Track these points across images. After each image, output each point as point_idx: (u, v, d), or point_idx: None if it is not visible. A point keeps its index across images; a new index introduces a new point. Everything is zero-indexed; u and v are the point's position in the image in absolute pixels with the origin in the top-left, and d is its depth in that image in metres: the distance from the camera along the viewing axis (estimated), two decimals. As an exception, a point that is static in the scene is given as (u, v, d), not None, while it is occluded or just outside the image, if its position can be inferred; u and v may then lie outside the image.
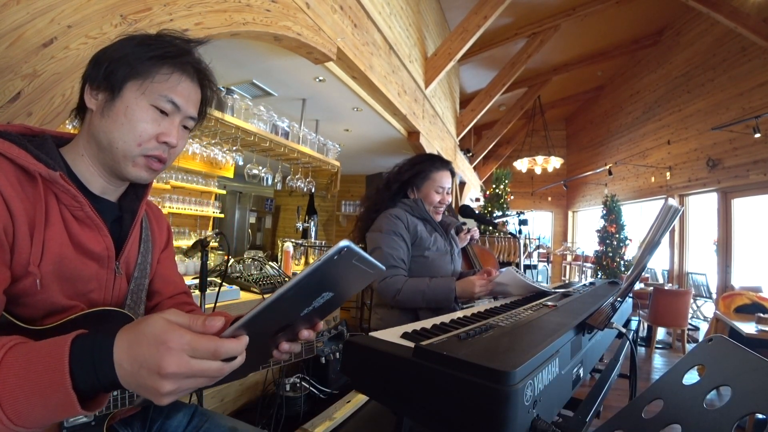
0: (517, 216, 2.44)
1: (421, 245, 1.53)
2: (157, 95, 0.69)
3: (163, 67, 0.70)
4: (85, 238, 0.69)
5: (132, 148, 0.69)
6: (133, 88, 0.69)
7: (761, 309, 2.98)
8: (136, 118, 0.68)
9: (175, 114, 0.72)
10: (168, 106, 0.71)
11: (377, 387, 0.59)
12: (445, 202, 1.60)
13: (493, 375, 0.45)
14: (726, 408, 0.47)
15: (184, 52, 0.73)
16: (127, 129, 0.68)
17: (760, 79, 5.09)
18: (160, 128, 0.71)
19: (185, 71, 0.72)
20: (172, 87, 0.70)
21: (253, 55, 2.33)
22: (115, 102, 0.68)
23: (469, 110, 6.64)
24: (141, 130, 0.69)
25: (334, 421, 1.47)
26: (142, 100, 0.69)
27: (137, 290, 0.80)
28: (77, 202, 0.66)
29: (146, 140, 0.70)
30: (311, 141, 3.25)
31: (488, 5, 4.32)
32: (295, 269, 2.96)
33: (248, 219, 6.47)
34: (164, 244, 0.91)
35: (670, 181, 6.75)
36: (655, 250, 0.77)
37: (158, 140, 0.71)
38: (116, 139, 0.69)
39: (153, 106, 0.69)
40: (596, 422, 0.93)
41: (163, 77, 0.69)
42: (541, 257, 8.42)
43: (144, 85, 0.69)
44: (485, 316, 0.83)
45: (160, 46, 0.71)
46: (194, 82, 0.74)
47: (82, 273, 0.69)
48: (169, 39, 0.73)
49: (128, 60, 0.69)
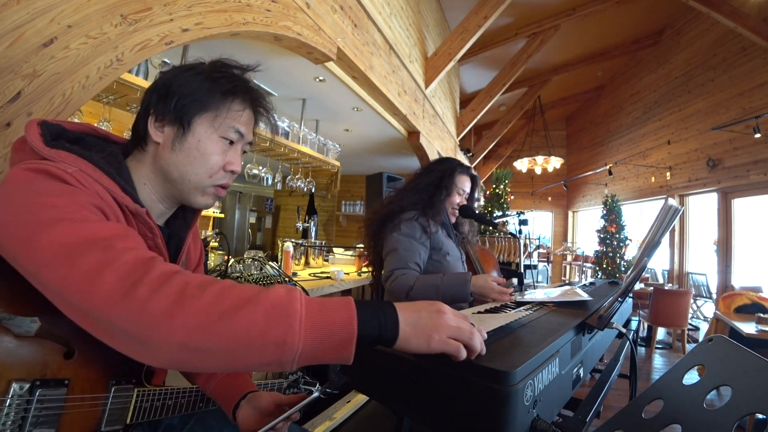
0: (517, 216, 2.43)
1: (442, 249, 1.53)
2: (227, 127, 0.71)
3: (234, 103, 0.72)
4: None
5: (204, 180, 0.72)
6: (204, 123, 0.70)
7: (761, 309, 2.98)
8: (209, 151, 0.71)
9: (239, 142, 0.75)
10: (235, 136, 0.73)
11: (377, 387, 0.59)
12: (462, 203, 1.64)
13: (493, 375, 0.45)
14: (726, 408, 0.47)
15: (250, 87, 0.75)
16: (201, 163, 0.71)
17: (760, 79, 5.08)
18: (227, 158, 0.73)
19: (251, 107, 0.75)
20: (240, 120, 0.73)
21: (253, 55, 2.34)
22: (187, 137, 0.70)
23: (469, 110, 6.63)
24: (213, 162, 0.71)
25: (334, 421, 1.48)
26: (214, 134, 0.71)
27: None
28: (152, 233, 0.69)
29: (216, 171, 0.72)
30: (311, 141, 3.25)
31: (488, 5, 4.31)
32: (295, 269, 2.96)
33: (248, 219, 6.47)
34: (197, 261, 0.92)
35: (671, 181, 6.75)
36: (656, 250, 0.77)
37: (225, 169, 0.73)
38: (189, 173, 0.71)
39: (222, 138, 0.72)
40: (596, 422, 0.93)
41: (236, 114, 0.72)
42: (541, 257, 8.42)
43: (218, 120, 0.71)
44: (485, 316, 0.83)
45: (228, 80, 0.72)
46: (253, 110, 0.76)
47: None
48: (232, 71, 0.74)
49: (199, 96, 0.70)
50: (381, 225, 1.56)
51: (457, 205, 1.63)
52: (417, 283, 1.35)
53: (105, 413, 0.65)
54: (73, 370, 0.62)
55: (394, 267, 1.41)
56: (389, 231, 1.50)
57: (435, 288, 1.34)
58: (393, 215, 1.54)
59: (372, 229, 1.60)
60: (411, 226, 1.47)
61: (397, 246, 1.44)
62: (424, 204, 1.55)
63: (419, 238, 1.46)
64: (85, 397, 0.63)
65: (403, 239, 1.44)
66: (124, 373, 0.69)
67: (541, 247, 8.86)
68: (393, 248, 1.44)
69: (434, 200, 1.56)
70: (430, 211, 1.54)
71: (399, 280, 1.38)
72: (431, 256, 1.51)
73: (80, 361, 0.62)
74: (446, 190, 1.58)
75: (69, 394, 0.61)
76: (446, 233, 1.60)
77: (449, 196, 1.59)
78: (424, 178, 1.62)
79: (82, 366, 0.63)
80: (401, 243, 1.44)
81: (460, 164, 1.65)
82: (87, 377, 0.63)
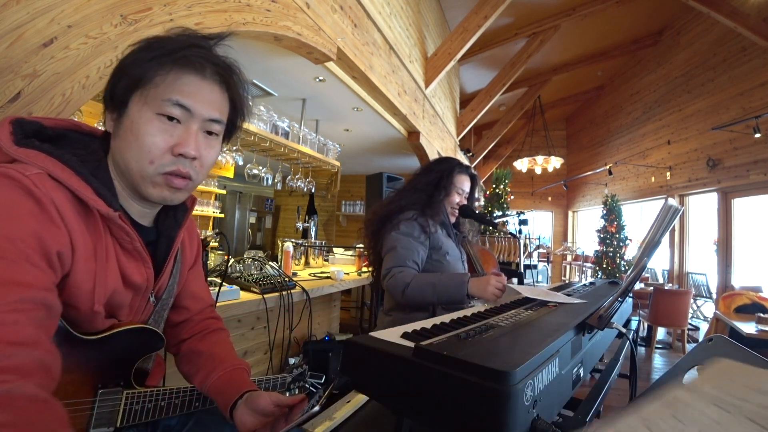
0: (517, 216, 2.44)
1: (441, 249, 1.53)
2: (160, 100, 0.59)
3: (169, 72, 0.60)
4: (130, 270, 0.67)
5: (145, 168, 0.61)
6: (137, 101, 0.60)
7: (761, 309, 2.98)
8: (142, 132, 0.59)
9: (189, 119, 0.62)
10: (176, 111, 0.60)
11: (377, 387, 0.59)
12: (462, 203, 1.64)
13: (493, 375, 0.44)
14: (726, 408, 0.46)
15: (188, 45, 0.62)
16: (136, 147, 0.60)
17: (760, 79, 5.08)
18: (173, 139, 0.61)
19: (191, 66, 0.61)
20: (175, 87, 0.60)
21: (253, 55, 2.34)
22: (123, 119, 0.61)
23: (469, 110, 6.63)
24: (149, 144, 0.60)
25: (334, 421, 1.48)
26: (147, 111, 0.60)
27: (161, 310, 0.80)
28: (128, 236, 0.64)
29: (158, 156, 0.61)
30: (311, 141, 3.25)
31: (488, 5, 4.31)
32: (295, 269, 2.96)
33: (248, 219, 6.47)
34: (193, 260, 0.89)
35: (671, 181, 6.75)
36: (655, 250, 0.77)
37: (173, 153, 0.61)
38: (129, 160, 0.61)
39: (159, 115, 0.60)
40: (596, 422, 0.93)
41: (161, 78, 0.60)
42: (541, 257, 8.43)
43: (150, 94, 0.60)
44: (485, 316, 0.83)
45: (161, 45, 0.61)
46: (208, 79, 0.63)
47: (123, 302, 0.68)
48: (173, 37, 0.63)
49: (130, 70, 0.60)
50: (380, 225, 1.56)
51: (457, 205, 1.63)
52: (414, 281, 1.35)
53: (92, 417, 0.65)
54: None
55: (392, 265, 1.41)
56: (388, 230, 1.50)
57: (431, 286, 1.33)
58: (392, 215, 1.54)
59: (372, 229, 1.60)
60: (410, 226, 1.47)
61: (395, 244, 1.44)
62: (423, 204, 1.55)
63: (418, 237, 1.47)
64: (68, 402, 0.62)
65: (402, 238, 1.45)
66: (111, 377, 0.68)
67: (541, 247, 8.87)
68: (392, 247, 1.45)
69: (433, 200, 1.56)
70: (429, 210, 1.54)
71: (396, 278, 1.38)
72: (431, 255, 1.52)
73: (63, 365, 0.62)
74: (445, 189, 1.58)
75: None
76: (446, 233, 1.60)
77: (448, 196, 1.60)
78: (422, 178, 1.63)
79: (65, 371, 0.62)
80: (400, 242, 1.44)
81: (459, 164, 1.65)
82: (70, 382, 0.62)
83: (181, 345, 0.86)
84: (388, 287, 1.41)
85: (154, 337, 0.74)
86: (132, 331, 0.70)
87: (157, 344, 0.75)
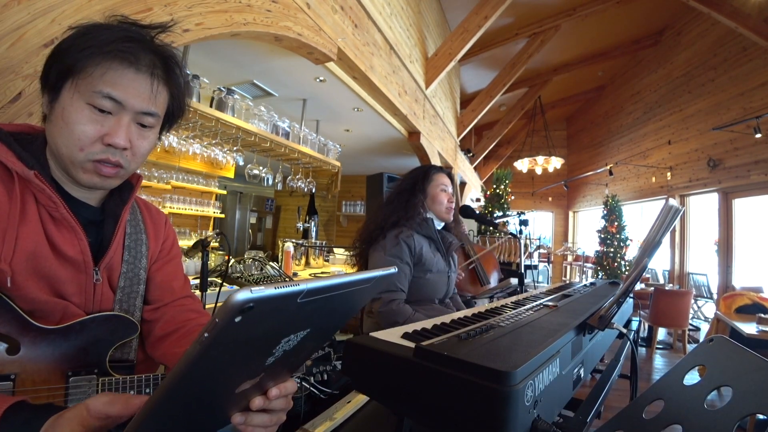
0: (517, 216, 2.44)
1: (424, 266, 1.53)
2: (91, 92, 0.61)
3: (99, 64, 0.61)
4: (61, 239, 0.66)
5: (75, 154, 0.63)
6: (69, 89, 0.62)
7: (762, 309, 2.98)
8: (72, 120, 0.61)
9: (121, 111, 0.64)
10: (106, 103, 0.62)
11: (378, 387, 0.59)
12: (452, 201, 1.63)
13: (493, 375, 0.44)
14: (727, 408, 0.46)
15: (124, 38, 0.63)
16: (66, 133, 0.62)
17: (760, 79, 5.08)
18: (104, 129, 0.63)
19: (125, 60, 0.63)
20: (106, 80, 0.61)
21: (254, 56, 2.34)
22: (55, 105, 0.63)
23: (469, 110, 6.64)
24: (79, 132, 0.62)
25: (334, 421, 1.47)
26: (78, 100, 0.61)
27: (127, 299, 0.77)
28: (53, 202, 0.64)
29: (88, 144, 0.63)
30: (312, 141, 3.25)
31: (489, 5, 4.32)
32: (296, 269, 2.97)
33: (249, 219, 6.48)
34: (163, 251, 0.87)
35: (671, 181, 6.74)
36: (656, 251, 0.77)
37: (103, 143, 0.63)
38: (60, 145, 0.63)
39: (90, 105, 0.62)
40: (597, 423, 0.93)
41: (93, 69, 0.61)
42: (542, 257, 8.41)
43: (81, 84, 0.61)
44: (486, 316, 0.83)
45: (96, 35, 0.62)
46: (143, 72, 0.64)
47: (57, 274, 0.67)
48: (112, 26, 0.64)
49: (62, 56, 0.61)
50: (366, 246, 1.59)
51: (449, 203, 1.61)
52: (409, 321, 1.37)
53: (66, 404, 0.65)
54: (21, 365, 0.62)
55: (383, 289, 1.43)
56: (377, 250, 1.52)
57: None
58: (374, 235, 1.56)
59: (357, 252, 1.63)
60: (397, 248, 1.48)
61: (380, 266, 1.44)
62: (400, 212, 1.55)
63: (404, 258, 1.48)
64: (39, 389, 0.62)
65: (389, 260, 1.46)
66: (83, 364, 0.67)
67: (542, 247, 8.85)
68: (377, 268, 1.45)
69: (409, 204, 1.56)
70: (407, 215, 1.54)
71: (393, 310, 1.40)
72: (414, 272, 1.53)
73: (27, 356, 0.62)
74: (422, 192, 1.59)
75: (18, 387, 0.61)
76: (435, 247, 1.59)
77: (428, 196, 1.60)
78: (396, 190, 1.64)
79: (31, 361, 0.62)
80: (386, 263, 1.45)
81: (433, 166, 1.68)
82: (37, 370, 0.63)
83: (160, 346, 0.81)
84: (380, 312, 1.43)
85: (121, 325, 0.73)
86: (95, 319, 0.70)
87: (126, 332, 0.74)
